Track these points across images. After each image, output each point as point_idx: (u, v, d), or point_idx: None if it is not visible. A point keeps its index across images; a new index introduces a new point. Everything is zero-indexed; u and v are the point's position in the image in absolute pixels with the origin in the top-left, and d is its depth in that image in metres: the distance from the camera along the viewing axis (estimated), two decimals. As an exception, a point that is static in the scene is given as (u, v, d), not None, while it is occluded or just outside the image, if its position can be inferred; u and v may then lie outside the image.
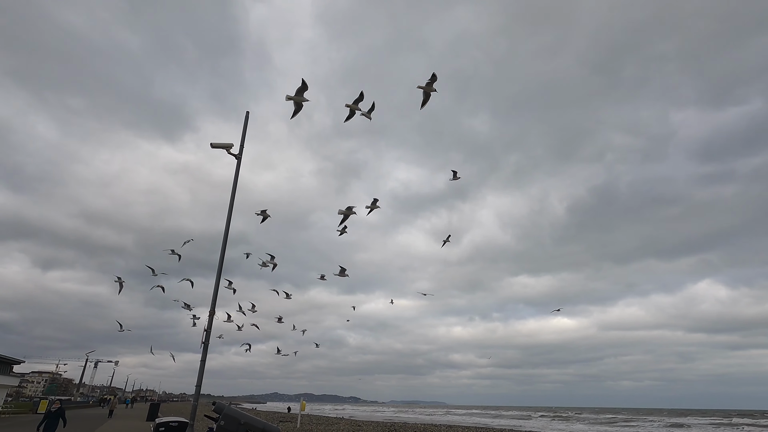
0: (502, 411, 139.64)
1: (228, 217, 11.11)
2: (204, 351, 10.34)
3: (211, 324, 10.74)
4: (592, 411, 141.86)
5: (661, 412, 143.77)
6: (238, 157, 11.47)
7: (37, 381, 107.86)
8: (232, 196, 11.27)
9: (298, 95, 12.07)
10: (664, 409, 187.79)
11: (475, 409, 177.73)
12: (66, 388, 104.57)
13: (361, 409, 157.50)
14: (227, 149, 11.29)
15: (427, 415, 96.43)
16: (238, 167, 11.47)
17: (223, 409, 7.94)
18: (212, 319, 10.77)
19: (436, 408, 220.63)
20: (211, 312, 10.77)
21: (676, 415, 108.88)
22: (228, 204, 11.28)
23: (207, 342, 10.64)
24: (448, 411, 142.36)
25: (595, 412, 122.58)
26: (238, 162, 11.47)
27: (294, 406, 74.62)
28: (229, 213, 11.14)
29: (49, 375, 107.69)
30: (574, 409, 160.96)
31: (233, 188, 11.34)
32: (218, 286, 10.80)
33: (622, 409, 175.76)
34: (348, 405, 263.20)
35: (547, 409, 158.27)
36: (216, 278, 10.89)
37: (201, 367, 10.19)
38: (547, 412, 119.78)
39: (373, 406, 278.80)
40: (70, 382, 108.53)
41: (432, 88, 12.88)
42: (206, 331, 10.76)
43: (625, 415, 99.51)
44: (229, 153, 11.35)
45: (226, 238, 11.02)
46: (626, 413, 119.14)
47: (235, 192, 11.33)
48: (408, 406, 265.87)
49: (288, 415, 54.94)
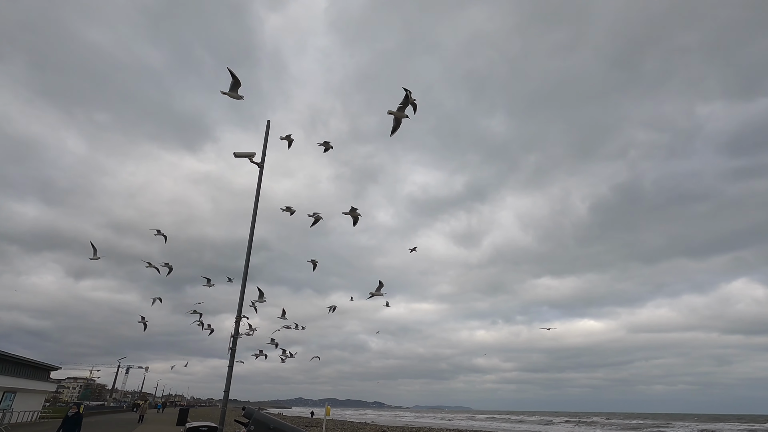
0: (525, 416, 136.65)
1: (252, 224, 11.30)
2: (231, 357, 10.50)
3: (237, 330, 10.93)
4: (622, 416, 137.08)
5: (696, 417, 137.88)
6: (260, 166, 11.66)
7: (73, 387, 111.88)
8: (255, 204, 11.45)
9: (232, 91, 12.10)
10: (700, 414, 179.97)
11: (499, 413, 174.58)
12: (99, 394, 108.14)
13: (383, 414, 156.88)
14: (250, 158, 11.50)
15: (448, 420, 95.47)
16: (260, 175, 11.64)
17: (253, 414, 8.04)
18: (239, 325, 10.95)
19: (461, 413, 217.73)
20: (237, 318, 10.95)
21: (710, 420, 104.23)
22: (249, 211, 11.48)
23: (234, 348, 10.82)
24: (471, 416, 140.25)
25: (624, 418, 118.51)
26: (260, 170, 11.65)
27: (317, 410, 75.00)
28: (252, 220, 11.32)
29: (84, 381, 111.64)
30: (603, 414, 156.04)
31: (256, 196, 11.53)
32: (244, 292, 10.99)
33: (655, 415, 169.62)
34: (370, 410, 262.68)
35: (573, 415, 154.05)
36: (242, 284, 11.07)
37: (229, 373, 10.36)
38: (572, 418, 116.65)
39: (396, 411, 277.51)
40: (104, 387, 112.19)
41: (403, 113, 11.95)
42: (233, 337, 10.95)
43: (655, 421, 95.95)
44: (251, 162, 11.56)
45: (250, 245, 11.21)
46: (658, 419, 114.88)
47: (258, 200, 11.52)
48: (431, 411, 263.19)
49: (312, 419, 55.23)
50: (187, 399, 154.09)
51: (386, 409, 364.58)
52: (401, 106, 12.00)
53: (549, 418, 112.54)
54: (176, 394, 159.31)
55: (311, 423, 44.54)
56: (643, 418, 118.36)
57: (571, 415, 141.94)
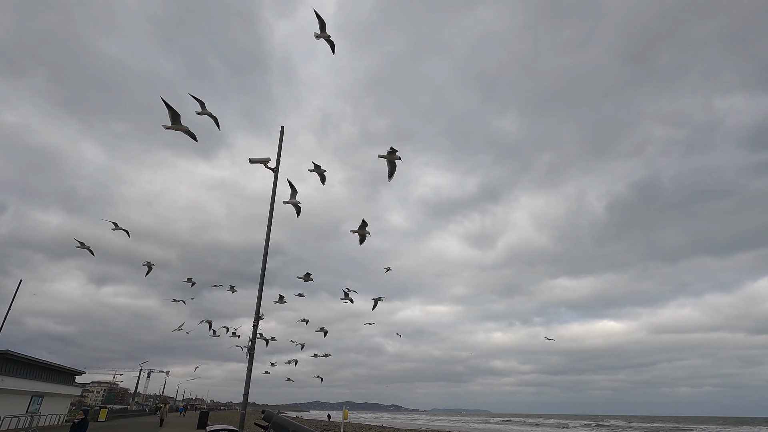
0: (543, 419, 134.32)
1: (268, 229, 11.43)
2: (250, 360, 10.63)
3: (255, 333, 11.06)
4: (644, 419, 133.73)
5: (722, 420, 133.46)
6: (275, 171, 11.81)
7: (97, 390, 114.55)
8: (270, 209, 11.60)
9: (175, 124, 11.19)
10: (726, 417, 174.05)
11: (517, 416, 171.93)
12: (122, 397, 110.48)
13: (399, 417, 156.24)
14: (265, 164, 11.66)
15: (464, 423, 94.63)
16: (275, 181, 11.79)
17: (272, 417, 8.11)
18: (256, 328, 11.08)
19: (479, 416, 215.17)
20: (255, 322, 11.09)
21: (737, 423, 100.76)
22: (264, 216, 11.64)
23: (252, 351, 10.95)
24: (486, 419, 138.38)
25: (646, 420, 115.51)
26: (275, 175, 11.80)
27: (334, 414, 75.19)
28: (268, 225, 11.46)
29: (108, 385, 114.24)
30: (625, 418, 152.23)
31: (272, 201, 11.67)
32: (261, 296, 11.11)
33: (679, 417, 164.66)
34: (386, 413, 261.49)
35: (593, 418, 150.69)
36: (259, 288, 11.21)
37: (248, 376, 10.48)
38: (590, 420, 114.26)
39: (413, 414, 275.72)
40: (126, 391, 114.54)
41: (396, 156, 11.99)
42: (251, 341, 11.09)
43: (677, 424, 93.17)
44: (266, 167, 11.72)
45: (266, 249, 11.34)
46: (681, 422, 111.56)
47: (273, 205, 11.66)
48: (448, 414, 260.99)
49: (330, 423, 55.37)
50: (207, 402, 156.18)
51: (403, 413, 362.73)
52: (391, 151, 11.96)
53: (566, 421, 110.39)
54: (196, 398, 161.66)
55: (329, 426, 44.65)
56: (667, 421, 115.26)
57: (591, 419, 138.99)
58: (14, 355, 30.68)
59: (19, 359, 31.59)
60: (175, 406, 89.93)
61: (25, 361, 32.30)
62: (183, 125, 11.23)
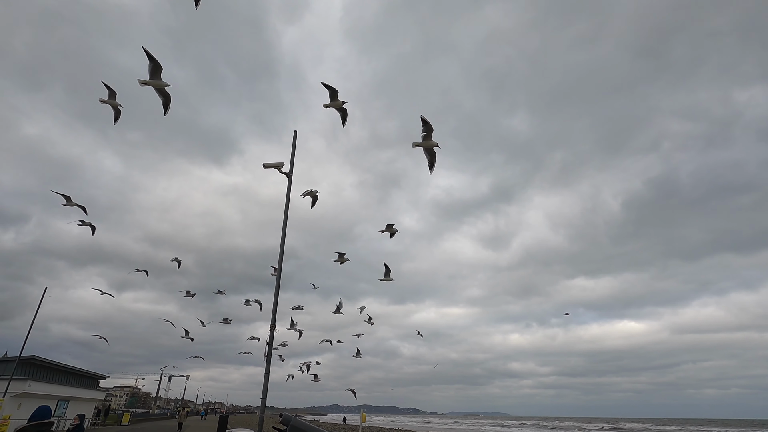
0: (559, 422, 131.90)
1: (283, 234, 11.52)
2: (267, 364, 10.71)
3: (272, 338, 11.13)
4: (667, 422, 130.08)
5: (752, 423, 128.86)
6: (288, 176, 11.89)
7: (120, 395, 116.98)
8: (285, 214, 11.68)
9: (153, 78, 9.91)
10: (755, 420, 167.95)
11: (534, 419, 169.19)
12: (145, 401, 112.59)
13: (414, 420, 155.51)
14: (278, 169, 11.77)
15: (480, 427, 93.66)
16: (289, 185, 11.86)
17: (290, 421, 8.14)
18: (273, 333, 11.16)
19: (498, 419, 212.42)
20: (271, 326, 11.16)
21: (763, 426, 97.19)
22: (277, 221, 11.71)
23: (270, 355, 11.02)
24: (500, 423, 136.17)
25: (668, 423, 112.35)
26: (289, 180, 11.88)
27: (350, 417, 75.19)
28: (283, 230, 11.54)
29: (130, 389, 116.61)
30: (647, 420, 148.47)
31: (286, 205, 11.76)
32: (277, 300, 11.20)
33: (704, 420, 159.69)
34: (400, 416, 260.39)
35: (612, 420, 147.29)
36: (275, 293, 11.30)
37: (265, 380, 10.55)
38: (607, 423, 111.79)
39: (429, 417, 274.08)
40: (148, 395, 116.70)
41: (431, 142, 10.77)
42: (268, 345, 11.16)
43: (701, 427, 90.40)
44: (280, 172, 11.82)
45: (282, 253, 11.43)
46: (705, 424, 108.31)
47: (288, 209, 11.74)
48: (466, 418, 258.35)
49: (347, 426, 55.48)
50: (226, 406, 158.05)
51: (420, 416, 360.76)
52: (425, 133, 10.91)
53: (583, 424, 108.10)
54: (216, 401, 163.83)
55: (347, 429, 44.72)
56: (691, 423, 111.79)
57: (609, 421, 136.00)
58: (41, 361, 31.57)
59: (46, 364, 32.50)
60: (196, 409, 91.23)
61: (51, 367, 33.23)
62: (162, 81, 10.06)
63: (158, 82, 9.83)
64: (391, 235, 16.50)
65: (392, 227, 16.21)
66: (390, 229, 16.24)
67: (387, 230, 16.24)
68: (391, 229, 16.24)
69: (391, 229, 16.23)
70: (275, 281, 11.30)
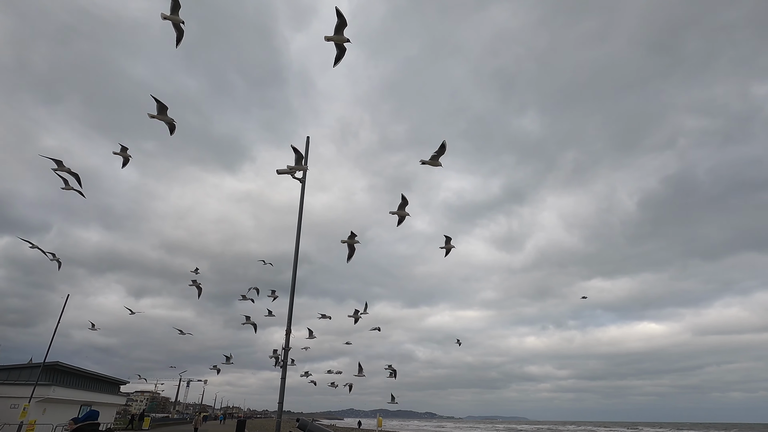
0: (574, 426, 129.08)
1: (297, 238, 11.59)
2: (284, 369, 10.76)
3: (288, 343, 11.18)
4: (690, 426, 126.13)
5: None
6: (302, 181, 11.98)
7: (140, 399, 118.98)
8: (299, 218, 11.76)
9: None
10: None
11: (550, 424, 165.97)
12: (164, 406, 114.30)
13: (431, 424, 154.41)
14: (292, 174, 11.87)
15: (495, 431, 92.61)
16: (303, 191, 11.96)
17: (307, 425, 8.15)
18: (289, 338, 11.20)
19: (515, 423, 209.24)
20: (287, 331, 11.22)
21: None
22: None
23: (286, 360, 11.08)
24: (513, 426, 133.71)
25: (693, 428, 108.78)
26: (302, 185, 11.98)
27: (365, 421, 75.00)
28: (297, 234, 11.62)
29: (150, 394, 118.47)
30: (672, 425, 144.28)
31: (300, 210, 11.84)
32: (292, 305, 11.26)
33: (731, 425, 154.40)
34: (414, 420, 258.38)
35: (631, 425, 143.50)
36: (290, 298, 11.35)
37: (282, 385, 10.59)
38: (625, 428, 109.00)
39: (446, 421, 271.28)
40: (167, 400, 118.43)
41: (437, 162, 11.93)
42: (284, 350, 11.22)
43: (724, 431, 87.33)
44: (293, 177, 11.92)
45: (296, 258, 11.49)
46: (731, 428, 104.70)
47: (301, 214, 11.82)
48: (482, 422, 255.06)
49: (361, 430, 55.48)
50: (243, 410, 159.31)
51: (436, 420, 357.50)
52: (435, 154, 11.94)
53: (601, 429, 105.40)
54: (233, 406, 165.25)
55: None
56: (719, 428, 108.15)
57: (632, 426, 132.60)
58: (64, 367, 32.32)
59: (69, 370, 33.27)
60: (214, 414, 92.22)
61: (74, 372, 34.02)
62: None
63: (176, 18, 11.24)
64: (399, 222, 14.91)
65: (404, 209, 14.18)
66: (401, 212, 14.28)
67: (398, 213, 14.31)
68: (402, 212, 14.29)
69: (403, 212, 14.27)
70: (290, 286, 11.38)
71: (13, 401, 27.02)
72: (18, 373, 29.88)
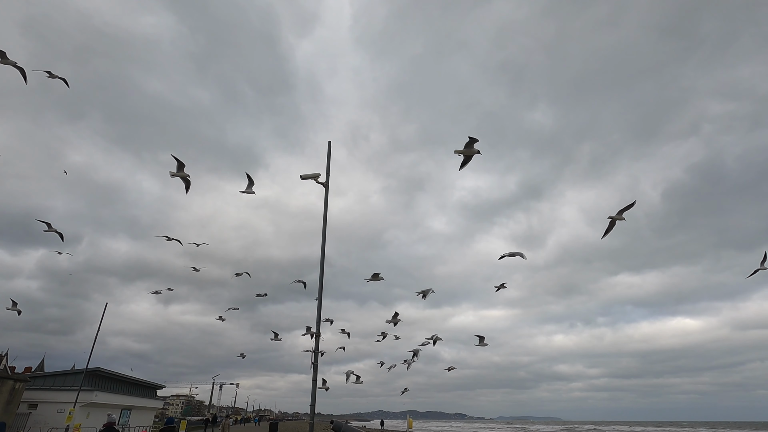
0: (605, 425, 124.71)
1: (323, 242, 11.72)
2: (314, 372, 10.88)
3: (317, 345, 11.31)
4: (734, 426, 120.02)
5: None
6: (325, 186, 12.13)
7: (176, 403, 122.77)
8: (324, 222, 11.89)
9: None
10: None
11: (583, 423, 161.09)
12: (199, 409, 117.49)
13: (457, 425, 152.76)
14: (315, 179, 12.03)
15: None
16: (326, 195, 12.10)
17: (341, 427, 8.22)
18: (318, 340, 11.33)
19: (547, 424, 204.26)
20: (317, 334, 11.35)
21: None
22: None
23: (316, 363, 11.20)
24: (539, 426, 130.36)
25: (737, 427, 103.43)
26: (326, 190, 12.13)
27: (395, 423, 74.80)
28: (323, 238, 11.75)
29: (185, 397, 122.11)
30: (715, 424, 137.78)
31: (324, 215, 11.97)
32: (321, 308, 11.38)
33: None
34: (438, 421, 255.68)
35: (669, 424, 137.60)
36: (318, 301, 11.49)
37: (313, 387, 10.72)
38: (658, 427, 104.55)
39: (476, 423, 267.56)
40: (202, 403, 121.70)
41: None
42: (314, 352, 11.36)
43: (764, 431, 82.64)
44: (317, 182, 12.08)
45: (323, 262, 11.62)
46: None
47: (326, 218, 11.94)
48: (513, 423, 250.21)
49: (383, 430, 55.85)
50: (275, 413, 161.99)
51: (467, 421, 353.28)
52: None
53: (636, 428, 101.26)
54: (265, 409, 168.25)
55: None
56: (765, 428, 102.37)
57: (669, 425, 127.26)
58: (105, 372, 33.67)
59: (109, 376, 34.63)
60: (246, 416, 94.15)
61: (114, 378, 35.40)
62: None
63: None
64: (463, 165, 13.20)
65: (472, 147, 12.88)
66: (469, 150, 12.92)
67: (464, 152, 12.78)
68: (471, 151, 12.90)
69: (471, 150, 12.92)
70: (318, 289, 11.52)
71: (59, 406, 28.38)
72: (63, 380, 31.32)
